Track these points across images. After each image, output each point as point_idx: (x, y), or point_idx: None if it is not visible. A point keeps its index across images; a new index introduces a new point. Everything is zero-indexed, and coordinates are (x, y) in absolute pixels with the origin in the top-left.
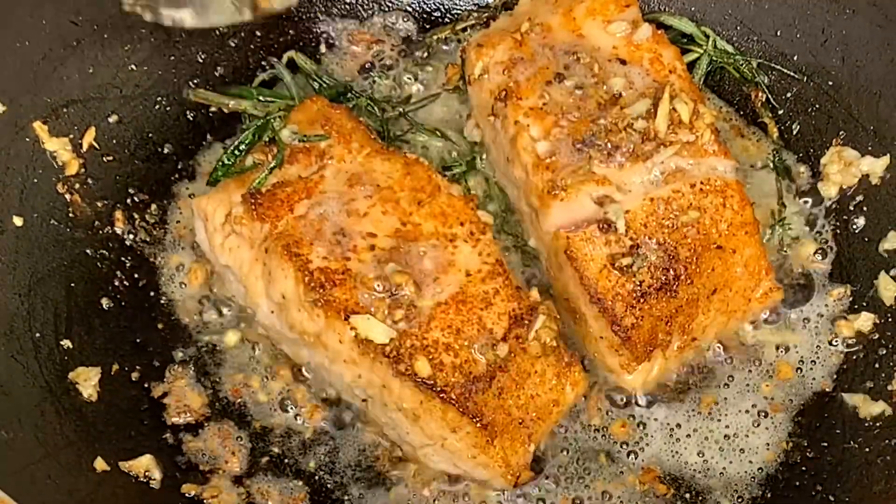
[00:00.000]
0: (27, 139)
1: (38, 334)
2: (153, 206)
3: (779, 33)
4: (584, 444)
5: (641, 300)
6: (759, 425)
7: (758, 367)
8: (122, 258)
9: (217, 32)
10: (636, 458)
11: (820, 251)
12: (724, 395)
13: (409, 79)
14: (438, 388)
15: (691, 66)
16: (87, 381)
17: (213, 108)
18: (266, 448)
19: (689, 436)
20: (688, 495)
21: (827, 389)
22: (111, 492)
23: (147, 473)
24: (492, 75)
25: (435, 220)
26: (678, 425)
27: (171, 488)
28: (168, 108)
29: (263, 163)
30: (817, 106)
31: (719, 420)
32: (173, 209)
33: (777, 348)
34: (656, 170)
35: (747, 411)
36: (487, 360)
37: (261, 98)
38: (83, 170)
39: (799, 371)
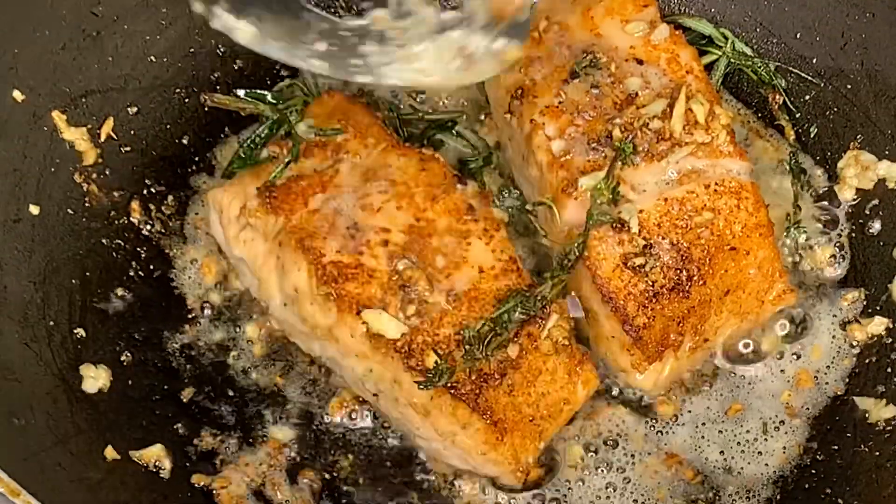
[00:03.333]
0: (45, 128)
1: (51, 322)
2: (170, 198)
3: (798, 36)
4: (596, 437)
5: (653, 300)
6: (777, 430)
7: (780, 374)
8: (138, 249)
9: None
10: (660, 446)
11: (835, 255)
12: (749, 402)
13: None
14: (449, 384)
15: (709, 67)
16: (95, 381)
17: None
18: (280, 441)
19: (714, 439)
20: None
21: (839, 393)
22: (120, 480)
23: (157, 463)
24: (508, 73)
25: (449, 216)
26: (703, 423)
27: (181, 478)
28: (187, 100)
29: (279, 155)
30: (835, 109)
31: (742, 425)
32: (191, 201)
33: (791, 353)
34: (671, 170)
35: (771, 419)
36: (498, 358)
37: (276, 101)
38: (101, 160)
39: (816, 379)
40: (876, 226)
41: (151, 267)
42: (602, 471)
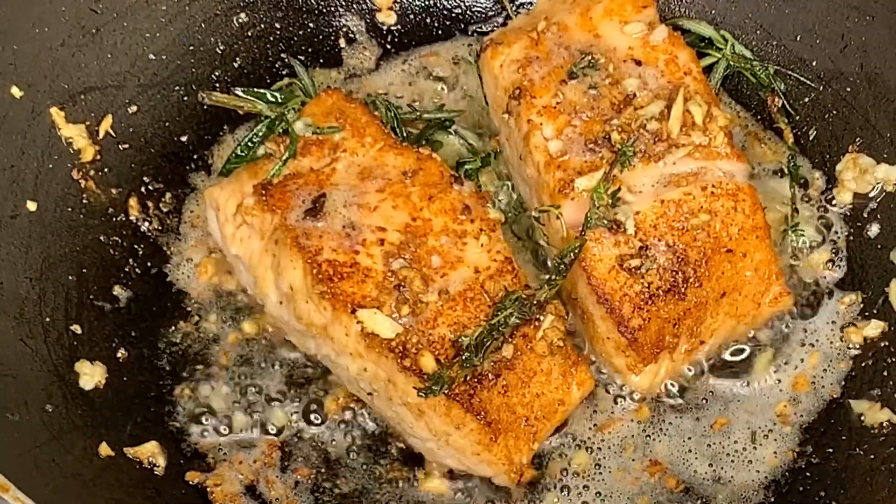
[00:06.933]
0: (44, 125)
1: (48, 319)
2: (168, 195)
3: (798, 38)
4: (590, 442)
5: (649, 302)
6: (767, 437)
7: (775, 376)
8: (135, 246)
9: (236, 23)
10: (644, 455)
11: (832, 258)
12: (739, 412)
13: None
14: None
15: (709, 70)
16: (91, 378)
17: None
18: (275, 439)
19: (700, 450)
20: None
21: (835, 396)
22: (115, 477)
23: (151, 460)
24: (507, 73)
25: (445, 216)
26: (689, 437)
27: (175, 475)
28: (185, 98)
29: (276, 153)
30: (834, 112)
31: (730, 436)
32: (188, 199)
33: (788, 356)
34: (668, 171)
35: (759, 428)
36: (493, 358)
37: (275, 100)
38: (99, 157)
39: (812, 382)
40: (874, 229)
41: (148, 264)
42: (586, 475)
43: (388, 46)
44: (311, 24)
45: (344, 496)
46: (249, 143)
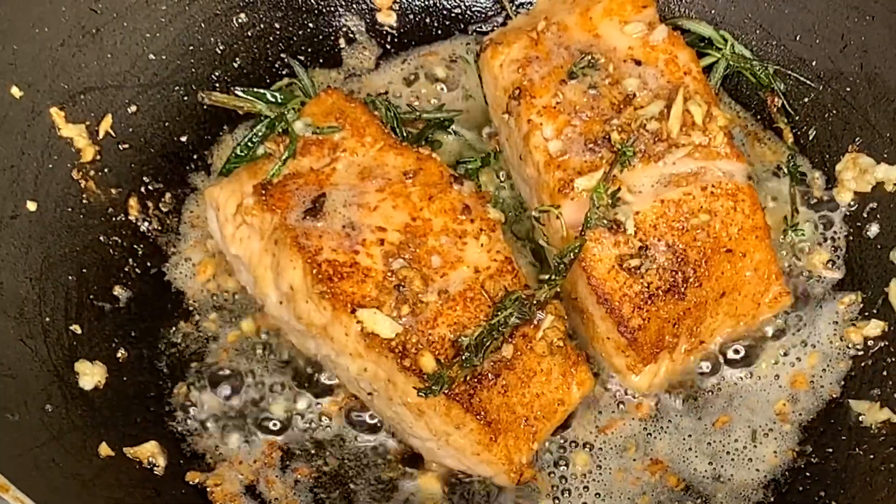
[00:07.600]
0: (44, 125)
1: (47, 319)
2: (167, 195)
3: (798, 38)
4: (592, 442)
5: (649, 302)
6: (767, 435)
7: (775, 376)
8: (135, 246)
9: (236, 23)
10: (646, 454)
11: (832, 258)
12: (739, 411)
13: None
14: None
15: (709, 69)
16: (91, 378)
17: None
18: (275, 439)
19: (700, 448)
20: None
21: (834, 396)
22: (115, 477)
23: (151, 460)
24: (506, 73)
25: (445, 215)
26: (690, 435)
27: (175, 475)
28: (185, 98)
29: (275, 152)
30: (834, 112)
31: (730, 434)
32: (188, 199)
33: (787, 356)
34: (668, 171)
35: (760, 427)
36: (493, 358)
37: (275, 100)
38: (99, 157)
39: (812, 382)
40: (873, 229)
41: (148, 264)
42: (585, 476)
43: (388, 46)
44: (311, 24)
45: (343, 495)
46: (249, 143)
